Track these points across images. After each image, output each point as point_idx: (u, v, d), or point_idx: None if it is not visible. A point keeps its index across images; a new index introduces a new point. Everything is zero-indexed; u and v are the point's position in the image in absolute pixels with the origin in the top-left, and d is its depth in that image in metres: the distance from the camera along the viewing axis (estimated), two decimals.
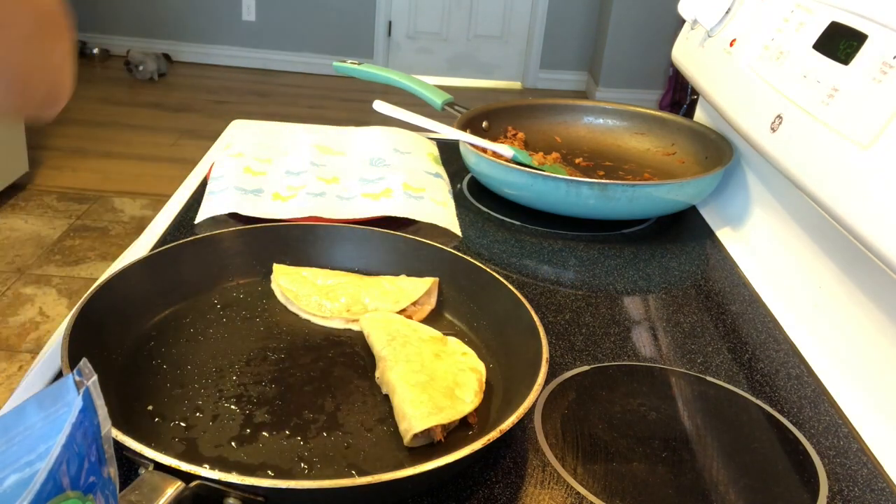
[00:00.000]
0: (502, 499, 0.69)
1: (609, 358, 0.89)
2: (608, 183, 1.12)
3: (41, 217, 3.64)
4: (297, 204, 1.12)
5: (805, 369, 0.91)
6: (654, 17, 5.62)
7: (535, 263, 1.10)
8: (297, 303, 0.90)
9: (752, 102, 1.09)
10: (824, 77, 0.94)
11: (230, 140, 1.32)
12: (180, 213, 1.13)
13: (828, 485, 0.73)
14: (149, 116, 5.08)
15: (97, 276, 2.65)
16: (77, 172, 4.13)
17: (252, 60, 6.26)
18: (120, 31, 6.21)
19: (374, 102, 1.25)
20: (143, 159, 4.39)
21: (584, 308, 1.00)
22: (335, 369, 0.81)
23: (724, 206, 1.28)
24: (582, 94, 6.21)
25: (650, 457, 0.75)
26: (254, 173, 1.19)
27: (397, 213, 1.12)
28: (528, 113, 1.47)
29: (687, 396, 0.84)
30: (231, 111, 5.20)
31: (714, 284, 1.09)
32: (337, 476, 0.67)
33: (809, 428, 0.81)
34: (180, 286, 0.90)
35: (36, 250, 3.36)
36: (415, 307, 0.91)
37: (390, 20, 6.21)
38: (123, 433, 0.61)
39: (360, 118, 5.23)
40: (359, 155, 1.30)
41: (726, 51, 1.22)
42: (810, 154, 0.91)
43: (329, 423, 0.74)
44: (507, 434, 0.66)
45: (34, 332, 2.84)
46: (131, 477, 0.59)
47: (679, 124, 1.41)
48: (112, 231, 3.58)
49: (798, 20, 1.05)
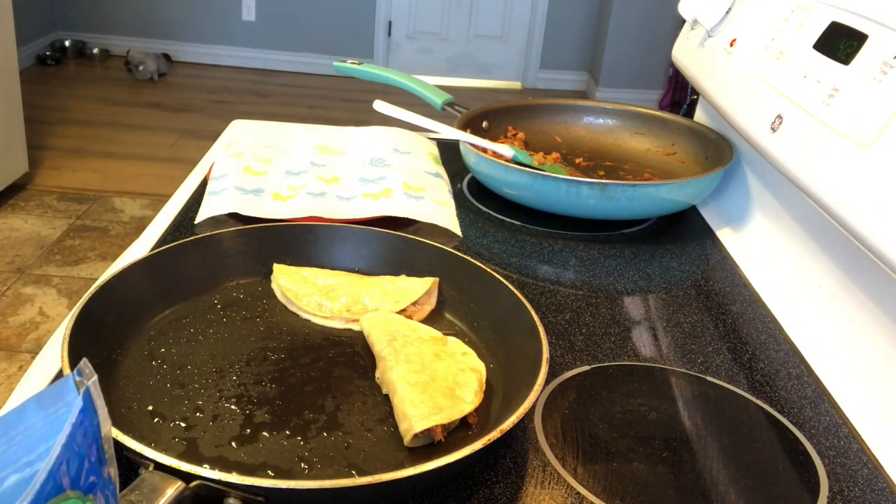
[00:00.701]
0: (502, 499, 0.69)
1: (609, 358, 0.89)
2: (608, 183, 1.12)
3: (41, 217, 3.64)
4: (297, 204, 1.12)
5: (805, 369, 0.91)
6: (654, 18, 5.62)
7: (535, 263, 1.10)
8: (297, 303, 0.90)
9: (752, 102, 1.09)
10: (824, 77, 0.94)
11: (230, 140, 1.32)
12: (180, 213, 1.13)
13: (828, 485, 0.73)
14: (149, 116, 5.08)
15: (97, 276, 2.65)
16: (77, 172, 4.14)
17: (252, 60, 6.27)
18: (120, 31, 6.21)
19: (375, 102, 1.25)
20: (142, 159, 4.39)
21: (584, 308, 0.99)
22: (335, 369, 0.81)
23: (725, 206, 1.28)
24: (582, 94, 6.21)
25: (650, 457, 0.75)
26: (254, 173, 1.19)
27: (397, 213, 1.12)
28: (528, 113, 1.47)
29: (687, 396, 0.84)
30: (231, 111, 5.20)
31: (714, 284, 1.09)
32: (337, 476, 0.67)
33: (810, 428, 0.81)
34: (180, 286, 0.90)
35: (36, 250, 3.36)
36: (415, 307, 0.91)
37: (390, 20, 6.21)
38: (123, 433, 0.61)
39: (360, 118, 5.23)
40: (359, 155, 1.30)
41: (726, 51, 1.22)
42: (810, 154, 0.91)
43: (329, 423, 0.74)
44: (508, 434, 0.66)
45: (34, 332, 2.84)
46: (131, 477, 0.59)
47: (679, 124, 1.41)
48: (112, 231, 3.58)
49: (798, 20, 1.05)
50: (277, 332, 0.87)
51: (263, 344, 0.84)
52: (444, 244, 0.96)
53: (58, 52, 6.03)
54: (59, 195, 3.86)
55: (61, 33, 6.19)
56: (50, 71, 5.82)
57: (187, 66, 6.21)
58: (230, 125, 1.44)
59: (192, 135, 4.82)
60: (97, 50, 6.13)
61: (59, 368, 0.80)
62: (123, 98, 5.38)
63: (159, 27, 6.20)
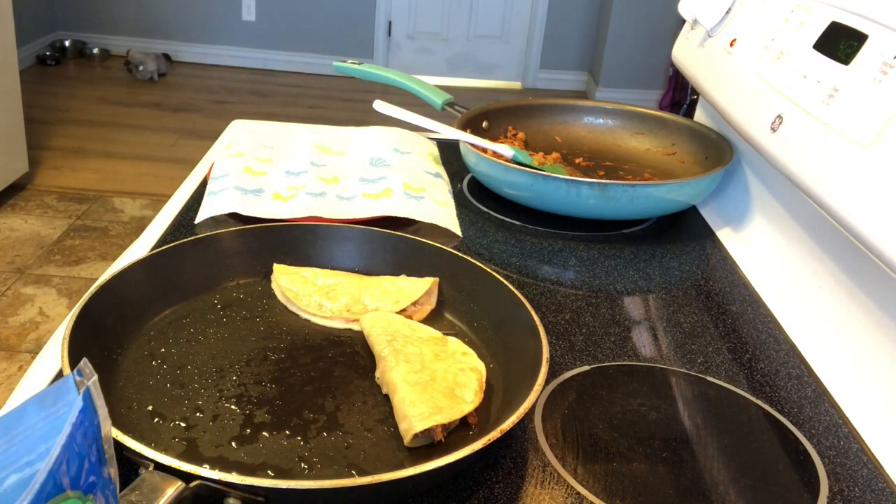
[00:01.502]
0: (502, 499, 0.69)
1: (609, 358, 0.89)
2: (608, 183, 1.12)
3: (41, 217, 3.64)
4: (297, 204, 1.12)
5: (805, 369, 0.91)
6: (654, 17, 5.62)
7: (535, 263, 1.10)
8: (297, 303, 0.90)
9: (752, 102, 1.09)
10: (824, 77, 0.94)
11: (230, 140, 1.32)
12: (180, 213, 1.13)
13: (828, 485, 0.73)
14: (149, 116, 5.08)
15: (97, 276, 2.65)
16: (77, 172, 4.14)
17: (252, 60, 6.27)
18: (120, 31, 6.21)
19: (375, 102, 1.24)
20: (143, 159, 4.39)
21: (584, 308, 0.99)
22: (335, 369, 0.81)
23: (725, 206, 1.28)
24: (582, 94, 6.21)
25: (650, 457, 0.75)
26: (254, 173, 1.19)
27: (397, 213, 1.12)
28: (528, 113, 1.47)
29: (687, 396, 0.84)
30: (231, 111, 5.20)
31: (714, 284, 1.09)
32: (337, 476, 0.67)
33: (810, 428, 0.81)
34: (180, 286, 0.90)
35: (36, 250, 3.36)
36: (415, 307, 0.91)
37: (390, 20, 6.21)
38: (123, 433, 0.61)
39: (360, 118, 5.23)
40: (359, 155, 1.30)
41: (726, 51, 1.22)
42: (810, 154, 0.91)
43: (329, 423, 0.74)
44: (507, 434, 0.66)
45: (34, 332, 2.84)
46: (131, 477, 0.59)
47: (679, 124, 1.41)
48: (112, 231, 3.58)
49: (798, 20, 1.05)
50: (277, 332, 0.87)
51: (263, 344, 0.84)
52: (444, 244, 0.96)
53: (58, 52, 6.03)
54: (59, 195, 3.86)
55: (61, 33, 6.20)
56: (50, 71, 5.82)
57: (187, 66, 6.21)
58: (230, 125, 1.44)
59: (192, 135, 4.82)
60: (97, 50, 6.14)
61: (59, 368, 0.80)
62: (123, 98, 5.38)
63: (159, 27, 6.20)
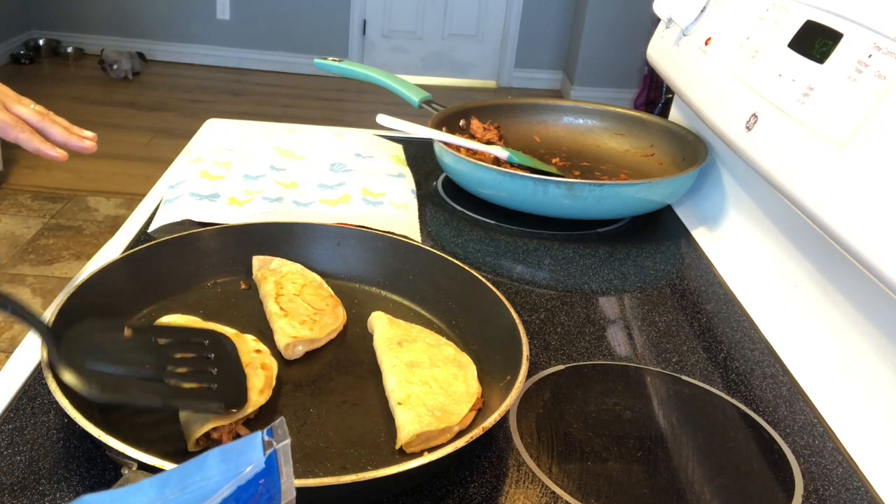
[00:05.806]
0: (477, 498, 0.68)
1: (584, 357, 0.89)
2: (575, 182, 1.12)
3: (15, 216, 3.61)
4: (253, 209, 1.11)
5: (780, 368, 0.91)
6: (629, 16, 5.63)
7: (509, 263, 1.10)
8: None
9: (727, 101, 1.09)
10: (799, 76, 0.94)
11: (190, 147, 1.31)
12: (154, 213, 1.12)
13: (803, 484, 0.73)
14: (123, 115, 5.05)
15: (71, 275, 2.63)
16: (51, 171, 4.10)
17: (226, 59, 6.23)
18: (94, 29, 6.16)
19: (378, 116, 1.22)
20: (117, 158, 4.36)
21: (559, 307, 0.99)
22: (332, 370, 0.81)
23: (700, 205, 1.28)
24: (557, 93, 6.22)
25: (625, 456, 0.75)
26: (211, 178, 1.18)
27: (353, 220, 1.10)
28: (507, 112, 1.47)
29: (662, 396, 0.84)
30: (206, 110, 5.17)
31: (689, 283, 1.09)
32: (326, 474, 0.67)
33: (785, 427, 0.81)
34: (159, 285, 0.90)
35: (10, 250, 3.33)
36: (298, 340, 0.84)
37: (365, 19, 6.19)
38: (105, 433, 0.60)
39: (334, 117, 5.22)
40: (320, 159, 1.29)
41: (701, 49, 1.22)
42: (785, 153, 0.92)
43: (324, 422, 0.73)
44: (483, 434, 0.66)
45: (8, 332, 2.81)
46: (114, 477, 0.59)
47: (658, 126, 1.41)
48: (86, 230, 3.55)
49: (773, 19, 1.05)
50: (256, 331, 0.86)
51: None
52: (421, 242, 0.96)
53: (32, 50, 5.97)
54: (34, 194, 3.83)
55: (35, 32, 6.14)
56: (24, 70, 5.76)
57: (162, 64, 6.17)
58: (205, 124, 1.43)
59: (166, 134, 4.79)
60: (71, 49, 6.07)
61: (34, 367, 0.79)
62: (98, 97, 5.34)
63: (134, 26, 6.16)
